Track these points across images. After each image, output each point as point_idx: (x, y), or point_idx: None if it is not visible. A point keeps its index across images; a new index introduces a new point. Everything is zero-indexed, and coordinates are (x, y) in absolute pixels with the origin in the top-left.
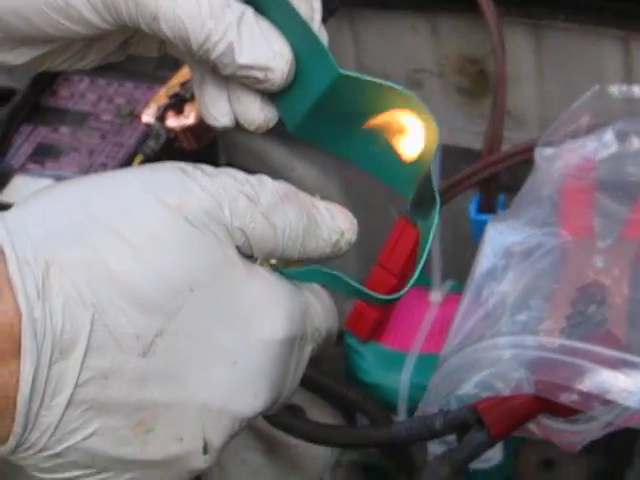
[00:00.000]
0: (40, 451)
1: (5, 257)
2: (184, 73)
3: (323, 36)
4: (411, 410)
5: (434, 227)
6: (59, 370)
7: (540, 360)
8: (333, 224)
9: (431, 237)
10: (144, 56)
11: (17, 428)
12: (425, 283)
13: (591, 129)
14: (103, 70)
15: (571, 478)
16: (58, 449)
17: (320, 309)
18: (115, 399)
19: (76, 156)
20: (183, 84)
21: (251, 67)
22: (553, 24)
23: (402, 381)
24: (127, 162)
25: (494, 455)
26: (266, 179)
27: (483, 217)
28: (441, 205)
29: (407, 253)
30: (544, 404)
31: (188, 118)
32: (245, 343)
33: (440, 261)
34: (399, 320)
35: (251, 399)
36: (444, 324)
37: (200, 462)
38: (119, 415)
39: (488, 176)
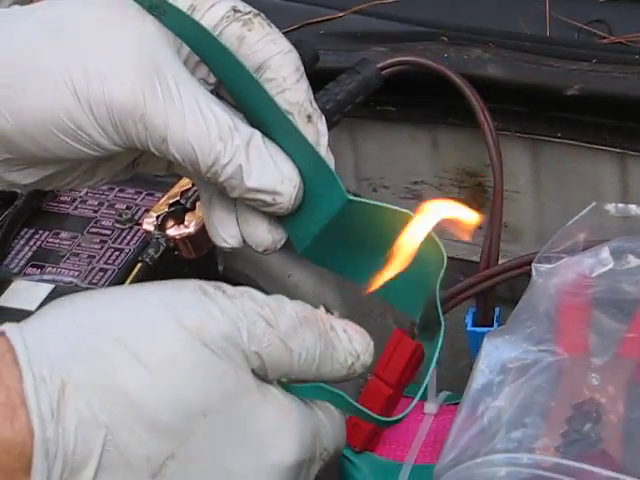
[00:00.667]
0: None
1: (22, 375)
2: (185, 182)
3: (330, 160)
4: None
5: (439, 348)
6: None
7: (535, 478)
8: (350, 347)
9: (435, 358)
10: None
11: None
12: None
13: (588, 246)
14: None
15: None
16: None
17: (330, 429)
18: None
19: (76, 261)
20: (183, 193)
21: (259, 191)
22: (550, 140)
23: None
24: (127, 267)
25: None
26: (285, 302)
27: (479, 329)
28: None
29: (403, 364)
30: None
31: (188, 227)
32: (255, 467)
33: (435, 374)
34: (394, 431)
35: None
36: (439, 435)
37: None
38: None
39: (485, 289)
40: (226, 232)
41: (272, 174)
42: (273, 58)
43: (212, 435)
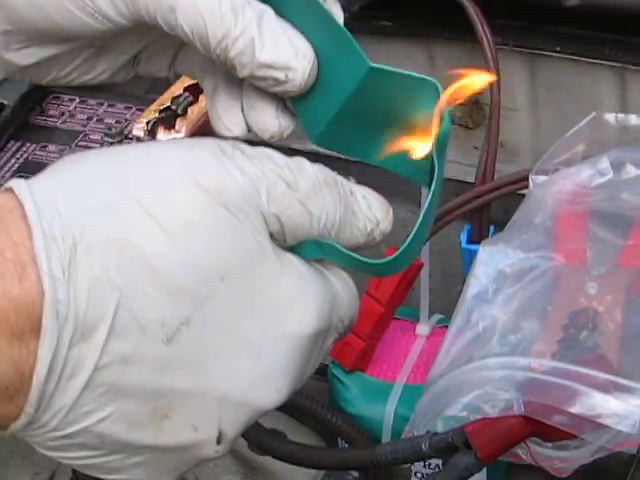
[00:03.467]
0: (51, 431)
1: (32, 232)
2: (174, 90)
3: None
4: None
5: (434, 189)
6: (79, 352)
7: (531, 381)
8: (369, 213)
9: (429, 199)
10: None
11: (29, 408)
12: (412, 317)
13: (586, 157)
14: (94, 91)
15: None
16: (69, 431)
17: (345, 299)
18: (133, 384)
19: None
20: (174, 99)
21: (271, 66)
22: (549, 54)
23: (387, 412)
24: None
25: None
26: (305, 163)
27: (474, 247)
28: (432, 235)
29: (395, 283)
30: (534, 427)
31: (180, 132)
32: (271, 336)
33: (427, 295)
34: (385, 352)
35: (272, 393)
36: (430, 356)
37: (212, 452)
38: (136, 400)
39: (479, 205)
40: (230, 120)
41: (285, 48)
42: None
43: (229, 301)
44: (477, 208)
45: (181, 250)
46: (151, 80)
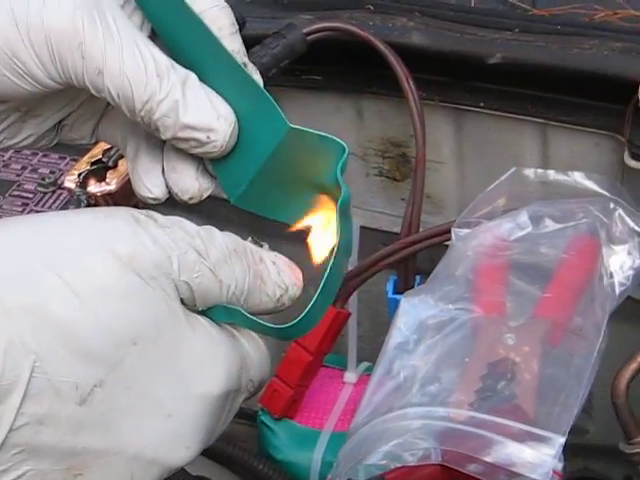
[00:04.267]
0: None
1: None
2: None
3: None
4: None
5: (336, 252)
6: None
7: (448, 431)
8: (278, 279)
9: (332, 262)
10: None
11: None
12: (340, 364)
13: (507, 211)
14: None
15: None
16: None
17: (256, 360)
18: (48, 444)
19: None
20: (105, 151)
21: (194, 127)
22: (474, 110)
23: (314, 459)
24: None
25: None
26: (215, 232)
27: (400, 296)
28: (358, 285)
29: (323, 331)
30: (451, 475)
31: (110, 184)
32: (182, 396)
33: (355, 343)
34: (313, 399)
35: (183, 451)
36: (358, 404)
37: None
38: (50, 460)
39: (405, 256)
40: (151, 182)
41: (208, 111)
42: (211, 10)
43: (141, 363)
44: (403, 258)
45: (94, 315)
46: None
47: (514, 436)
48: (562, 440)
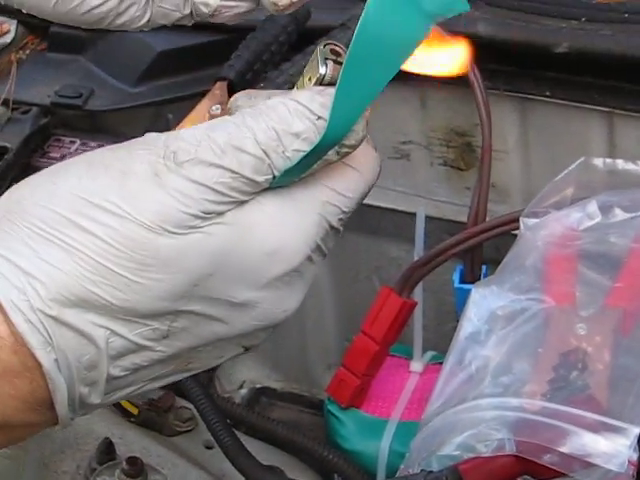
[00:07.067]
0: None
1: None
2: None
3: None
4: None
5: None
6: None
7: (522, 422)
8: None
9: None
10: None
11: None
12: (406, 354)
13: (575, 200)
14: (94, 133)
15: None
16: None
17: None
18: None
19: None
20: None
21: None
22: (539, 99)
23: (382, 448)
24: None
25: None
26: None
27: (466, 286)
28: (425, 274)
29: (390, 321)
30: (525, 465)
31: None
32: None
33: (421, 332)
34: (380, 388)
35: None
36: (424, 393)
37: None
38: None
39: (471, 246)
40: None
41: None
42: None
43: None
44: (470, 248)
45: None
46: (150, 120)
47: (588, 426)
48: (637, 430)
